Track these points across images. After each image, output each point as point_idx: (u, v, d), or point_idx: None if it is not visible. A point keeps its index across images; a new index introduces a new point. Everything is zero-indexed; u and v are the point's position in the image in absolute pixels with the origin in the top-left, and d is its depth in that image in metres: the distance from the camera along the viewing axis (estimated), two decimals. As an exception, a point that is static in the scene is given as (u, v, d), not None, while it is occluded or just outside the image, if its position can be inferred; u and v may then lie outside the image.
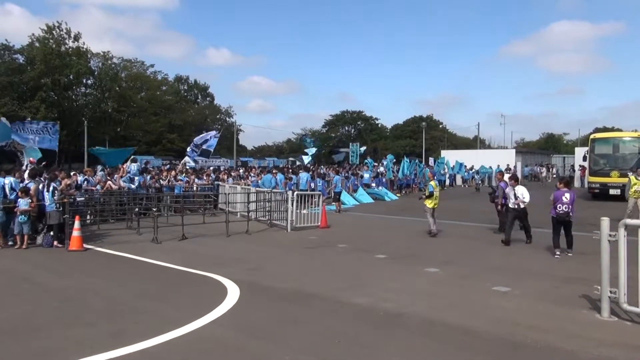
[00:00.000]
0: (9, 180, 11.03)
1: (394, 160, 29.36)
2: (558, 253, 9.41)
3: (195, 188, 19.07)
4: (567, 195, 9.39)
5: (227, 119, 74.44)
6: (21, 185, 11.05)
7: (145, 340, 4.90)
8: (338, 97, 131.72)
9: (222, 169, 27.48)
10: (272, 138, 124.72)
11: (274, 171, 20.35)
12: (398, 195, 25.59)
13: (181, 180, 18.82)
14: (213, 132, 26.06)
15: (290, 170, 24.39)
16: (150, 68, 66.58)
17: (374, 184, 24.63)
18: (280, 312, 6.07)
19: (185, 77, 73.42)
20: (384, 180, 26.02)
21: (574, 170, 35.58)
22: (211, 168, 25.97)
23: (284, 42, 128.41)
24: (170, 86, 70.40)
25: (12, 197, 10.74)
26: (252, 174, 23.43)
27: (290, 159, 52.70)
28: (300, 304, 6.40)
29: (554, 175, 40.82)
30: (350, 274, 8.21)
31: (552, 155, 55.86)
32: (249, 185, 19.15)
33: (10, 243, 10.48)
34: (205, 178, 20.27)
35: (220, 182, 19.78)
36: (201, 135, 24.97)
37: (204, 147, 23.79)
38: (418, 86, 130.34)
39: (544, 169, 41.84)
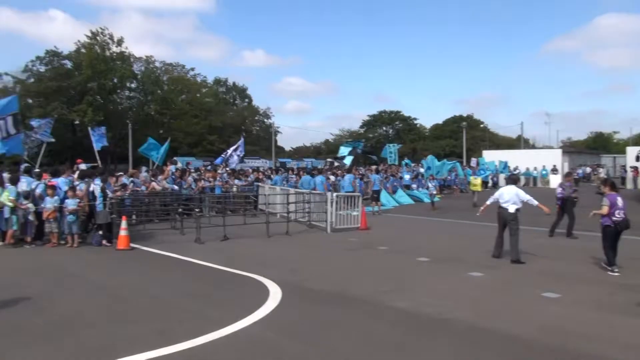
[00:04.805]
0: (57, 181, 11.50)
1: (436, 161, 28.78)
2: (617, 270, 8.14)
3: (235, 189, 19.34)
4: (620, 199, 8.33)
5: (265, 120, 75.31)
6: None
7: (189, 340, 4.97)
8: (375, 97, 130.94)
9: (260, 170, 27.72)
10: (309, 139, 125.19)
11: (313, 172, 20.40)
12: (439, 196, 25.07)
13: (221, 181, 19.14)
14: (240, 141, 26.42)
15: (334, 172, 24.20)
16: (190, 71, 68.23)
17: (414, 185, 24.31)
18: (321, 314, 6.04)
19: (224, 80, 74.69)
20: (423, 181, 25.62)
21: (625, 171, 33.98)
22: (250, 169, 26.25)
23: (318, 42, 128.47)
24: (210, 88, 71.77)
25: (61, 196, 11.15)
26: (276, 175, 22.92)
27: (328, 159, 52.68)
28: (342, 307, 6.35)
29: (604, 177, 39.05)
30: (392, 277, 8.10)
31: (602, 155, 53.58)
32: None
33: (62, 242, 10.89)
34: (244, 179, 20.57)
35: (259, 183, 19.99)
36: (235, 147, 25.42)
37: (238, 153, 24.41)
38: (458, 85, 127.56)
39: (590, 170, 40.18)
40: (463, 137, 56.49)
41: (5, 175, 11.29)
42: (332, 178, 21.22)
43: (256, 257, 9.94)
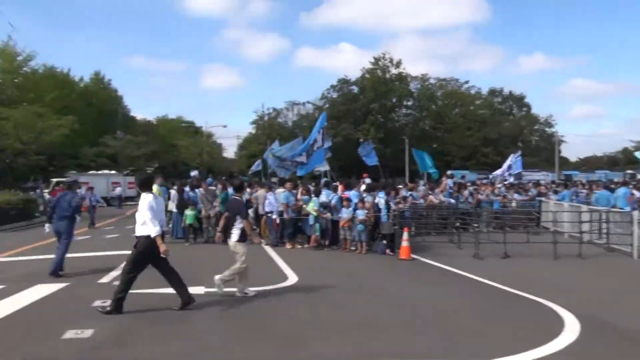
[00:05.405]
0: (349, 194, 12.91)
1: None
2: None
3: (514, 204, 18.23)
4: None
5: (547, 129, 68.99)
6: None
7: (477, 361, 4.81)
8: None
9: (541, 183, 25.42)
10: (601, 148, 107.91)
11: (612, 186, 17.57)
12: None
13: (499, 195, 18.34)
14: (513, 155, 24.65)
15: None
16: (464, 84, 68.08)
17: None
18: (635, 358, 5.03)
19: (499, 89, 71.76)
20: None
21: None
22: (531, 183, 24.32)
23: (610, 37, 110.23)
24: (484, 100, 70.04)
25: (352, 207, 12.45)
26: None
27: (629, 171, 44.58)
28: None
29: None
30: None
31: None
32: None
33: (352, 248, 12.16)
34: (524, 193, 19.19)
35: (542, 198, 18.32)
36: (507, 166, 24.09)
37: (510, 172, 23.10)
38: None
39: None
40: None
41: (311, 188, 13.35)
42: (637, 193, 17.78)
43: (543, 280, 9.08)
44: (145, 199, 6.39)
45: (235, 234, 7.22)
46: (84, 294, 7.24)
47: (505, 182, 21.47)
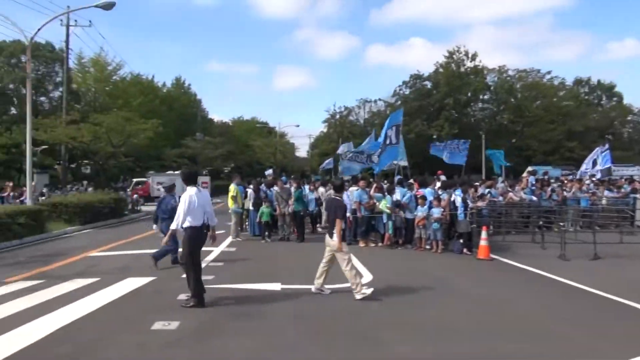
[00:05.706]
0: (424, 191, 12.62)
1: None
2: None
3: (604, 201, 16.96)
4: None
5: (641, 119, 63.48)
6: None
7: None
8: None
9: (636, 179, 23.37)
10: None
11: None
12: None
13: (587, 192, 17.15)
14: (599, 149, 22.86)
15: None
16: (546, 75, 64.21)
17: None
18: None
19: (586, 79, 66.93)
20: None
21: None
22: (624, 178, 22.46)
23: None
24: (569, 91, 65.64)
25: (427, 205, 12.18)
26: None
27: None
28: None
29: None
30: None
31: None
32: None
33: (427, 247, 11.89)
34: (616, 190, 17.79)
35: (637, 195, 16.88)
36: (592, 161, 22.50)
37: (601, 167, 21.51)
38: None
39: None
40: None
41: (384, 185, 13.22)
42: None
43: (638, 284, 8.35)
44: (187, 192, 6.70)
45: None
46: (170, 287, 7.66)
47: (594, 179, 20.01)
